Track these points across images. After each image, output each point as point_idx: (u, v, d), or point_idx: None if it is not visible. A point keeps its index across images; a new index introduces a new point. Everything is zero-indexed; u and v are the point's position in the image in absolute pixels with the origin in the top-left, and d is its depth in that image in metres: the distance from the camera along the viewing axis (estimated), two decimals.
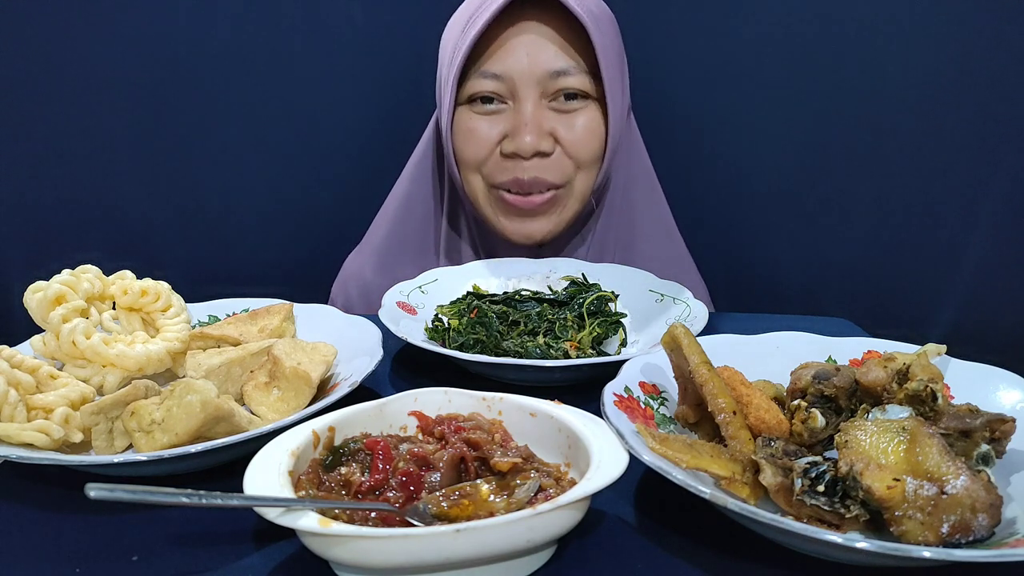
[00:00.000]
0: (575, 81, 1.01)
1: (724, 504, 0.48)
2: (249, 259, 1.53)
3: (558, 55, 1.00)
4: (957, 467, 0.50)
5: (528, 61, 1.00)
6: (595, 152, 1.06)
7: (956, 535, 0.48)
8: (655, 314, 0.93)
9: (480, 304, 0.89)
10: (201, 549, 0.54)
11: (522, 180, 1.03)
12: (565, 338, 0.84)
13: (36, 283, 0.74)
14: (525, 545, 0.47)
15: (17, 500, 0.60)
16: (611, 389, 0.63)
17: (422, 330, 0.90)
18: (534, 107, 1.01)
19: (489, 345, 0.84)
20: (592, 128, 1.04)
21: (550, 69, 1.00)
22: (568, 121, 1.03)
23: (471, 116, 1.05)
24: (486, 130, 1.03)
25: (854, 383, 0.62)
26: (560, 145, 1.03)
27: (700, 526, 0.55)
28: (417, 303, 0.96)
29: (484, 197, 1.08)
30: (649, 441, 0.55)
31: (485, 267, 1.06)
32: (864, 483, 0.49)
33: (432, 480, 0.53)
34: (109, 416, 0.64)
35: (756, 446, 0.57)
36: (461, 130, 1.06)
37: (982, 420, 0.57)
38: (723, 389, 0.60)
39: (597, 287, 0.93)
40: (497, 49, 1.00)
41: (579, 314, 0.87)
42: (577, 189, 1.07)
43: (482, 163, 1.05)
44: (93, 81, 1.40)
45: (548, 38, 1.00)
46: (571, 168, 1.05)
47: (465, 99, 1.05)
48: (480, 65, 1.02)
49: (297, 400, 0.69)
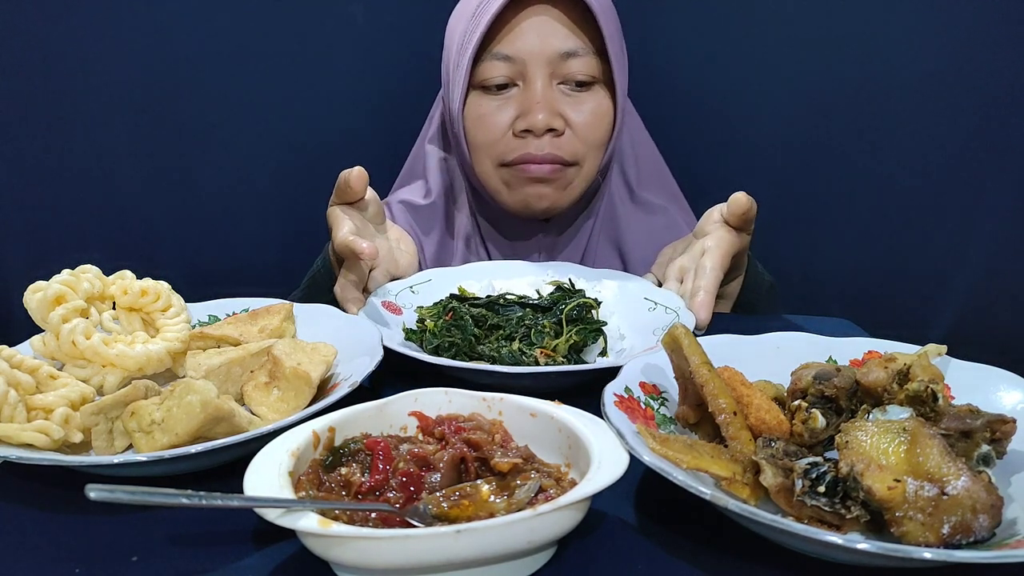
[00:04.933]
0: (584, 63, 1.04)
1: (725, 505, 0.48)
2: (249, 259, 1.53)
3: (568, 37, 1.03)
4: (958, 468, 0.50)
5: (539, 42, 1.03)
6: (603, 135, 1.09)
7: (957, 536, 0.48)
8: (647, 323, 0.90)
9: (457, 306, 0.88)
10: (201, 549, 0.54)
11: (534, 155, 1.05)
12: (539, 344, 0.83)
13: (36, 283, 0.74)
14: (526, 546, 0.47)
15: (17, 500, 0.60)
16: (611, 389, 0.63)
17: (413, 331, 0.89)
18: (544, 87, 1.04)
19: (463, 348, 0.83)
20: (601, 112, 1.07)
21: (560, 50, 1.03)
22: (577, 105, 1.06)
23: (482, 101, 1.07)
24: (498, 113, 1.06)
25: (855, 384, 0.62)
26: (570, 127, 1.06)
27: (700, 526, 0.55)
28: (405, 303, 0.95)
29: (495, 177, 1.11)
30: (650, 442, 0.55)
31: (481, 269, 1.05)
32: (865, 484, 0.49)
33: (432, 480, 0.53)
34: (109, 416, 0.64)
35: (757, 447, 0.57)
36: (472, 115, 1.08)
37: (983, 421, 0.56)
38: (724, 390, 0.60)
39: (581, 293, 0.92)
40: (508, 32, 1.03)
41: (558, 320, 0.86)
42: (585, 169, 1.10)
43: (494, 144, 1.08)
44: (93, 81, 1.40)
45: (557, 20, 1.03)
46: (582, 148, 1.07)
47: (476, 84, 1.07)
48: (491, 48, 1.04)
49: (297, 400, 0.69)
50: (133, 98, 1.43)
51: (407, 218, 1.19)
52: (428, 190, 1.22)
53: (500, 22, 1.03)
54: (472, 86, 1.08)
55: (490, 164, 1.10)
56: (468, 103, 1.08)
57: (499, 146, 1.07)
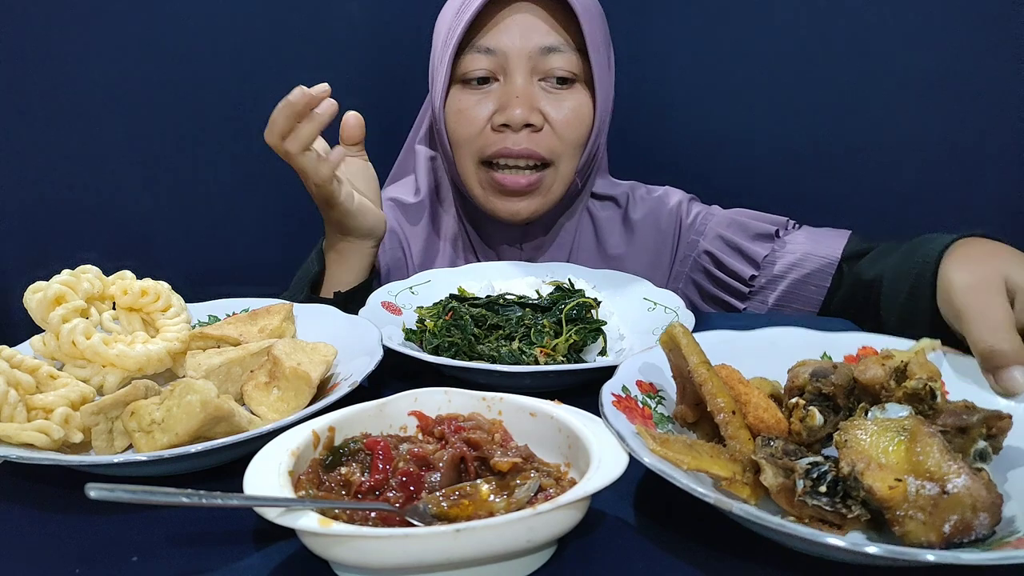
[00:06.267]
0: (564, 60, 1.05)
1: (729, 509, 0.48)
2: (249, 259, 1.53)
3: (549, 33, 1.05)
4: (958, 466, 0.50)
5: (520, 37, 1.04)
6: (581, 134, 1.09)
7: (958, 535, 0.48)
8: (647, 323, 0.91)
9: (457, 306, 0.88)
10: (201, 549, 0.54)
11: (511, 150, 1.06)
12: (539, 344, 0.83)
13: (36, 283, 0.74)
14: (525, 545, 0.47)
15: (17, 500, 0.60)
16: (609, 389, 0.63)
17: (413, 331, 0.89)
18: (524, 82, 1.05)
19: (463, 348, 0.83)
20: (580, 111, 1.08)
21: (541, 45, 1.04)
22: (557, 102, 1.07)
23: (463, 96, 1.08)
24: (478, 108, 1.07)
25: (852, 381, 0.62)
26: (549, 124, 1.07)
27: (700, 526, 0.55)
28: (404, 304, 0.95)
29: (474, 177, 1.12)
30: (649, 443, 0.54)
31: (480, 269, 1.05)
32: (866, 483, 0.49)
33: (432, 480, 0.53)
34: (109, 416, 0.64)
35: (756, 446, 0.57)
36: (453, 109, 1.09)
37: (979, 417, 0.57)
38: (722, 389, 0.60)
39: (581, 293, 0.92)
40: (491, 27, 1.05)
41: (558, 320, 0.86)
42: (562, 171, 1.11)
43: (473, 139, 1.08)
44: (93, 81, 1.40)
45: (540, 17, 1.05)
46: (559, 146, 1.08)
47: (458, 79, 1.08)
48: (474, 41, 1.06)
49: (297, 400, 0.69)
50: (133, 98, 1.43)
51: (395, 215, 1.20)
52: (417, 188, 1.23)
53: (484, 17, 1.05)
54: (454, 80, 1.09)
55: (470, 162, 1.11)
56: (449, 97, 1.10)
57: (478, 141, 1.08)
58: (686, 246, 1.19)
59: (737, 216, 1.16)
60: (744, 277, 1.11)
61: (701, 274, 1.17)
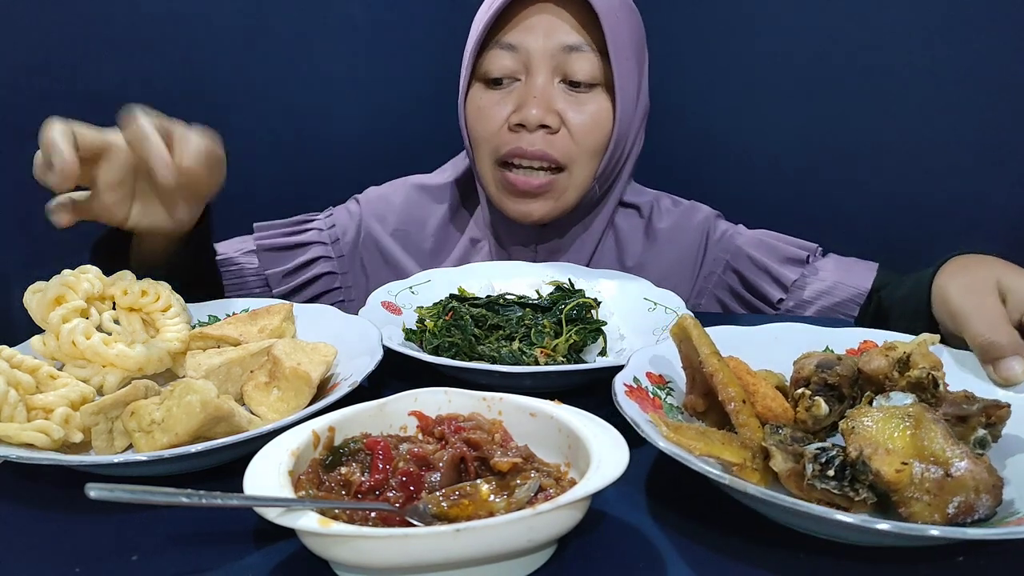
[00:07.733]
0: (587, 61, 1.04)
1: (744, 490, 0.49)
2: None
3: (571, 32, 1.04)
4: (960, 451, 0.52)
5: (543, 35, 1.04)
6: (599, 140, 1.07)
7: (961, 515, 0.50)
8: (647, 323, 0.91)
9: (457, 306, 0.88)
10: (201, 549, 0.54)
11: (525, 150, 1.05)
12: (539, 344, 0.83)
13: (36, 283, 0.74)
14: (525, 545, 0.47)
15: (17, 500, 0.60)
16: (621, 380, 0.65)
17: (413, 331, 0.89)
18: (544, 82, 1.05)
19: (463, 348, 0.83)
20: (599, 116, 1.06)
21: (563, 44, 1.03)
22: (577, 105, 1.06)
23: (483, 94, 1.08)
24: (497, 107, 1.07)
25: (856, 371, 0.64)
26: (566, 127, 1.06)
27: (700, 526, 0.55)
28: (404, 304, 0.95)
29: (491, 176, 1.11)
30: (663, 429, 0.56)
31: (480, 269, 1.05)
32: (874, 467, 0.51)
33: (432, 480, 0.53)
34: (109, 416, 0.64)
35: (765, 433, 0.58)
36: (473, 107, 1.09)
37: (979, 406, 0.59)
38: (732, 378, 0.62)
39: (581, 293, 0.92)
40: (515, 25, 1.05)
41: (558, 320, 0.86)
42: (576, 177, 1.08)
43: (490, 138, 1.08)
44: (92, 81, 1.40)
45: (564, 19, 1.04)
46: (575, 150, 1.06)
47: (480, 77, 1.08)
48: (497, 38, 1.06)
49: (297, 400, 0.69)
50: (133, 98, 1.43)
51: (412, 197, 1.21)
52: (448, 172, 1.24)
53: (509, 15, 1.05)
54: (476, 78, 1.09)
55: (488, 161, 1.10)
56: (470, 95, 1.10)
57: (495, 140, 1.08)
58: (712, 262, 1.16)
59: (766, 237, 1.14)
60: (772, 300, 1.09)
61: (726, 292, 1.15)
